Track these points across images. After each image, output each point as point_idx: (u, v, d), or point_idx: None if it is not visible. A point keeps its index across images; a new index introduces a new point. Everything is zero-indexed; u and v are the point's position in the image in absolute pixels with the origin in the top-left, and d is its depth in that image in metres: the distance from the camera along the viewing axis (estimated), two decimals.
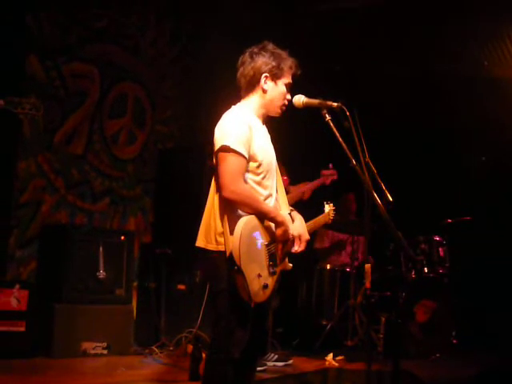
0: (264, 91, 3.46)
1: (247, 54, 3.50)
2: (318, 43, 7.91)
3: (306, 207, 3.94)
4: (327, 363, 6.04)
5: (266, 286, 3.22)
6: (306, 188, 6.04)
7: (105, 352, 5.92)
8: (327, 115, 3.42)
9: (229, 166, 3.23)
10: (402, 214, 4.34)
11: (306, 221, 3.60)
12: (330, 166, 6.08)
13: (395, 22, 7.44)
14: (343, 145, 3.34)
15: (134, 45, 7.30)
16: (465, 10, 7.10)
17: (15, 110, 4.30)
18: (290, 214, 3.52)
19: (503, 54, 7.92)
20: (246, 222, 3.19)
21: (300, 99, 3.50)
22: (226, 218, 3.23)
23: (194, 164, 6.85)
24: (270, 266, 3.28)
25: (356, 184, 3.32)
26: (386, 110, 8.17)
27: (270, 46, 3.50)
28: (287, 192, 5.52)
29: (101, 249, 6.05)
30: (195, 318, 6.00)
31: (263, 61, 3.45)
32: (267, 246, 3.29)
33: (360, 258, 7.44)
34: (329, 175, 6.06)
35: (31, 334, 5.60)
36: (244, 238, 3.14)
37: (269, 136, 3.54)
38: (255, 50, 3.49)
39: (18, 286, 5.61)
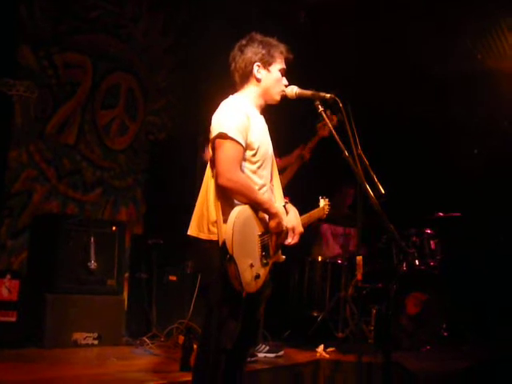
0: (258, 80, 3.47)
1: (236, 48, 3.51)
2: (314, 35, 7.90)
3: (302, 201, 3.93)
4: (318, 355, 6.04)
5: (257, 277, 3.22)
6: (303, 149, 5.70)
7: (96, 342, 5.92)
8: (320, 106, 3.42)
9: (226, 153, 3.22)
10: (394, 207, 4.34)
11: (301, 214, 3.60)
12: (327, 112, 5.23)
13: (389, 17, 7.44)
14: (336, 136, 3.35)
15: (127, 35, 7.26)
16: (457, 4, 7.10)
17: (9, 92, 4.26)
18: (284, 206, 3.52)
19: (496, 47, 7.93)
20: (239, 210, 3.18)
21: (293, 90, 3.51)
22: (219, 206, 3.23)
23: (186, 155, 6.85)
24: (262, 256, 3.28)
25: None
26: (378, 102, 8.17)
27: (258, 36, 3.51)
28: (280, 169, 5.48)
29: (92, 239, 6.03)
30: (186, 308, 6.00)
31: (253, 51, 3.46)
32: (260, 236, 3.29)
33: (352, 250, 7.45)
34: (324, 125, 5.38)
35: (22, 324, 5.59)
36: (237, 227, 3.13)
37: (266, 126, 3.54)
38: (243, 42, 3.50)
39: (8, 276, 5.60)
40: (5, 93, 4.20)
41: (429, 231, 7.07)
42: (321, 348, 6.10)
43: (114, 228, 6.30)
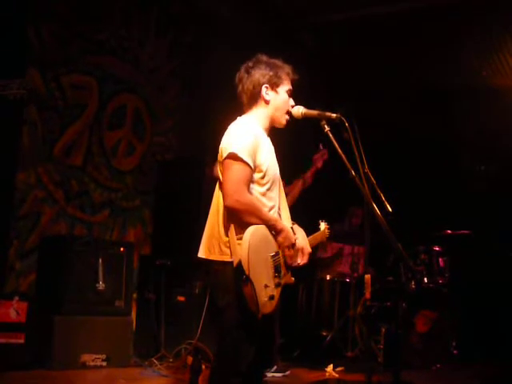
0: (266, 102, 3.47)
1: (242, 69, 3.51)
2: (317, 55, 7.94)
3: (308, 223, 3.92)
4: (327, 374, 6.02)
5: (272, 297, 3.19)
6: (303, 179, 5.93)
7: (104, 364, 5.90)
8: (326, 126, 3.43)
9: (234, 175, 3.21)
10: (403, 224, 4.34)
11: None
12: (320, 146, 5.84)
13: (394, 34, 7.47)
14: (342, 156, 3.35)
15: (134, 56, 7.31)
16: (463, 22, 7.13)
17: (3, 92, 4.22)
18: (291, 228, 3.51)
19: (501, 64, 7.95)
20: (254, 230, 3.16)
21: (299, 110, 3.51)
22: (232, 226, 3.20)
23: (193, 175, 6.86)
24: (275, 277, 3.26)
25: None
26: (386, 120, 8.19)
27: (264, 58, 3.52)
28: (286, 194, 5.54)
29: (100, 260, 6.04)
30: (195, 329, 5.98)
31: (260, 72, 3.46)
32: (273, 257, 3.27)
33: (360, 269, 7.43)
34: (319, 158, 5.87)
35: (30, 346, 5.58)
36: (253, 247, 3.10)
37: (273, 148, 3.54)
38: (250, 64, 3.51)
39: (17, 298, 5.60)
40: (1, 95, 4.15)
41: (437, 248, 7.06)
42: (330, 367, 6.08)
43: (122, 249, 6.31)
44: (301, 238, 3.47)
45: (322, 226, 3.91)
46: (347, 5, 7.20)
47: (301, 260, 3.42)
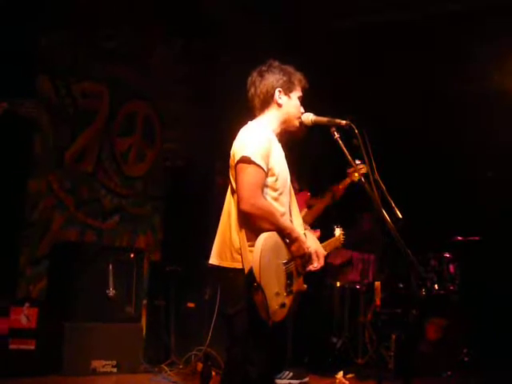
0: (279, 105, 3.46)
1: (255, 73, 3.50)
2: (327, 61, 7.93)
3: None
4: (337, 381, 6.00)
5: (283, 305, 3.16)
6: (334, 192, 5.98)
7: (114, 370, 5.90)
8: (336, 133, 3.42)
9: (248, 178, 3.19)
10: (412, 231, 4.32)
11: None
12: (358, 161, 5.96)
13: (403, 38, 7.46)
14: (352, 163, 3.35)
15: (144, 64, 7.33)
16: (474, 25, 7.12)
17: (16, 110, 4.24)
18: (304, 233, 3.50)
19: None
20: (266, 237, 3.13)
21: (309, 117, 3.51)
22: (244, 233, 3.18)
23: (204, 181, 6.87)
24: (287, 285, 3.23)
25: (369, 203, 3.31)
26: (395, 126, 8.17)
27: (276, 63, 3.52)
28: (310, 205, 5.54)
29: (110, 267, 6.05)
30: (205, 335, 5.98)
31: (274, 77, 3.46)
32: (285, 264, 3.25)
33: (370, 276, 7.41)
34: (354, 171, 5.97)
35: (41, 352, 5.58)
36: (265, 254, 3.08)
37: (283, 154, 3.52)
38: (263, 68, 3.50)
39: (27, 304, 5.61)
40: (15, 112, 4.19)
41: (448, 255, 7.03)
42: (340, 374, 6.06)
43: (132, 255, 6.32)
44: (312, 242, 3.46)
45: (337, 231, 3.89)
46: (353, 11, 7.22)
47: (317, 263, 3.41)
